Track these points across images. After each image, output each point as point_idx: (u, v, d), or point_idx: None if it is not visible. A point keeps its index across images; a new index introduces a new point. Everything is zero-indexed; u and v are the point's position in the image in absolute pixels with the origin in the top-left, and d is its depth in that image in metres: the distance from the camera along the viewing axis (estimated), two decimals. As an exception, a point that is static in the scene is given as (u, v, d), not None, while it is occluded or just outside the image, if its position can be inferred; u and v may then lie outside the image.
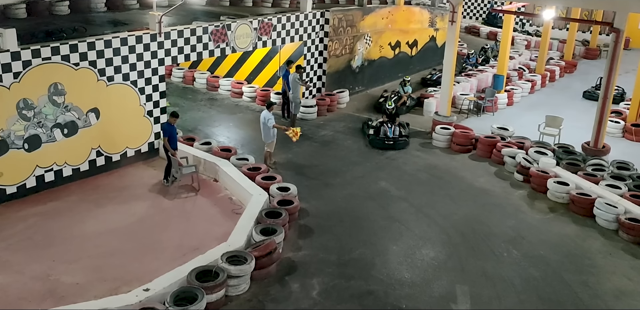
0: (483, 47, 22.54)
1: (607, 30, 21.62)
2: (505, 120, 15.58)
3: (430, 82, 19.11)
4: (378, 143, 13.78)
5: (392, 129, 13.87)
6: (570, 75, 21.31)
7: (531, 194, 11.86)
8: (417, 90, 18.10)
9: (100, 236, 9.56)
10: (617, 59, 12.57)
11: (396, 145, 13.78)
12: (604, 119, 13.07)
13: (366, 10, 17.28)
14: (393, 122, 14.06)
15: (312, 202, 11.06)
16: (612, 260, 9.58)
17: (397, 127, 14.01)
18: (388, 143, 13.71)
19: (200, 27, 12.94)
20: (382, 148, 13.70)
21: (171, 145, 11.11)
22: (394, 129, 13.90)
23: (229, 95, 17.21)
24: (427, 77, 19.53)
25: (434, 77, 19.29)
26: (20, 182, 10.58)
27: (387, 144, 13.72)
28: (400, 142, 13.85)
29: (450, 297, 8.45)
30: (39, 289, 8.14)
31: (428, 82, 19.20)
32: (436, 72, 19.57)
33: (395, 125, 14.01)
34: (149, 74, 12.11)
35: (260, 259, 8.49)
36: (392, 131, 13.86)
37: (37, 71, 10.33)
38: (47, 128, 10.71)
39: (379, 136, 13.85)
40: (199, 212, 10.59)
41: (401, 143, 13.87)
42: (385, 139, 13.74)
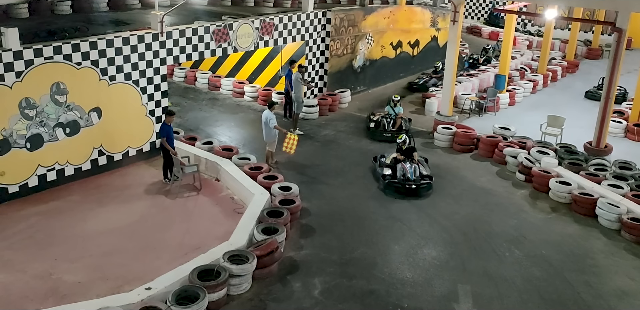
0: (484, 47, 22.51)
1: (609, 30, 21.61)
2: (507, 120, 15.56)
3: (417, 86, 18.53)
4: (397, 188, 11.32)
5: (412, 168, 11.47)
6: (572, 75, 21.28)
7: (533, 193, 11.85)
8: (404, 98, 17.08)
9: (102, 235, 9.57)
10: (619, 59, 12.55)
11: (420, 190, 11.34)
12: (606, 118, 13.05)
13: (368, 10, 17.28)
14: (411, 160, 11.69)
15: (314, 201, 11.06)
16: (614, 260, 9.56)
17: (416, 165, 11.63)
18: (409, 187, 11.24)
19: (202, 27, 12.94)
20: (402, 193, 11.29)
21: (169, 145, 11.11)
22: (414, 169, 11.48)
23: (231, 95, 17.21)
24: (414, 82, 18.94)
25: (420, 81, 18.78)
26: (22, 181, 10.59)
27: (407, 189, 11.25)
28: (424, 185, 11.39)
29: (452, 296, 8.44)
30: (41, 287, 8.15)
31: (414, 86, 18.58)
32: (424, 76, 19.21)
33: (414, 163, 11.62)
34: (151, 73, 12.11)
35: (261, 258, 8.49)
36: (413, 171, 11.44)
37: (40, 70, 10.34)
38: (49, 127, 10.72)
39: (396, 178, 11.40)
40: (200, 211, 10.60)
41: (425, 187, 11.41)
42: (406, 183, 11.27)
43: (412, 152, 11.89)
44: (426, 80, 18.81)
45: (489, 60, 21.08)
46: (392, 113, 14.62)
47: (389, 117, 14.48)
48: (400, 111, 14.62)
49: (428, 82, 18.61)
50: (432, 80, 18.76)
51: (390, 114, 14.58)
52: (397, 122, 14.44)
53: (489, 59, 21.29)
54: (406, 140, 12.06)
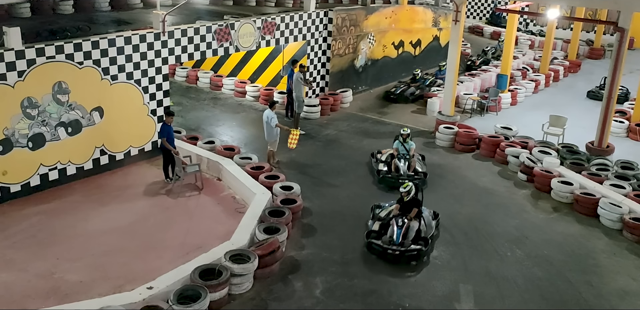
0: (483, 49, 22.36)
1: (611, 30, 21.60)
2: (508, 119, 15.54)
3: (394, 96, 17.29)
4: (379, 252, 9.13)
5: (401, 229, 9.14)
6: (574, 75, 21.25)
7: (535, 193, 11.84)
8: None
9: (103, 234, 9.58)
10: (621, 59, 12.52)
11: (405, 258, 9.03)
12: (608, 118, 13.03)
13: (370, 10, 17.27)
14: (406, 217, 9.37)
15: (315, 201, 11.06)
16: (616, 260, 9.55)
17: (411, 225, 9.28)
18: (392, 253, 8.99)
19: (204, 26, 12.94)
20: (384, 259, 9.11)
21: (170, 145, 11.11)
22: (405, 230, 9.14)
23: (232, 95, 17.22)
24: (390, 91, 17.64)
25: (397, 90, 17.49)
26: (24, 180, 10.60)
27: (390, 254, 9.02)
28: (412, 253, 9.04)
29: (453, 296, 8.44)
30: (43, 286, 8.16)
31: (392, 96, 17.33)
32: (401, 84, 17.97)
33: (410, 220, 9.31)
34: (153, 73, 12.12)
35: (263, 257, 8.50)
36: (400, 234, 9.08)
37: (42, 70, 10.35)
38: (51, 127, 10.73)
39: (382, 240, 9.16)
40: (202, 210, 10.60)
41: (414, 254, 9.06)
42: (390, 247, 9.03)
43: (412, 207, 9.45)
44: (404, 89, 17.49)
45: (486, 63, 20.93)
46: (403, 151, 11.93)
47: (402, 157, 11.81)
48: (412, 147, 12.01)
49: (406, 92, 17.36)
50: (411, 89, 17.49)
51: (402, 153, 11.91)
52: (412, 163, 11.78)
53: (487, 61, 21.14)
54: (411, 191, 9.50)
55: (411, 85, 17.81)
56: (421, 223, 9.55)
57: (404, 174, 11.39)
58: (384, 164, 12.00)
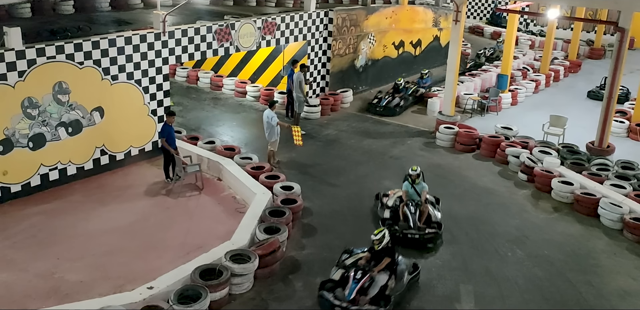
0: (477, 53, 21.94)
1: (611, 30, 21.59)
2: (509, 119, 15.54)
3: (380, 109, 15.97)
4: None
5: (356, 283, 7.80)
6: (575, 75, 21.25)
7: (535, 193, 11.84)
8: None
9: (104, 234, 9.59)
10: (621, 59, 12.52)
11: None
12: (608, 118, 13.03)
13: (370, 10, 17.27)
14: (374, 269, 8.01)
15: (316, 201, 11.06)
16: (617, 260, 9.55)
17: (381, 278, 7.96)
18: None
19: (204, 27, 12.95)
20: None
21: (170, 146, 11.11)
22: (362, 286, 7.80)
23: (233, 95, 17.22)
24: (374, 103, 16.29)
25: (382, 102, 16.15)
26: (24, 180, 10.61)
27: None
28: None
29: (454, 296, 8.43)
30: (43, 286, 8.16)
31: (377, 109, 15.98)
32: (385, 95, 16.47)
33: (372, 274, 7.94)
34: (153, 73, 12.12)
35: (263, 257, 8.50)
36: (353, 290, 7.76)
37: (42, 70, 10.36)
38: (52, 127, 10.73)
39: (334, 293, 7.86)
40: (202, 210, 10.60)
41: None
42: (337, 306, 7.68)
43: (383, 257, 8.13)
44: (389, 100, 16.21)
45: (478, 66, 20.35)
46: (414, 196, 9.93)
47: (411, 203, 9.81)
48: (424, 190, 9.95)
49: (391, 103, 16.12)
50: (395, 100, 16.20)
51: (412, 199, 9.89)
52: (424, 212, 9.78)
53: (479, 64, 20.58)
54: (383, 239, 8.16)
55: (395, 96, 16.37)
56: (391, 277, 8.01)
57: (413, 225, 9.47)
58: (390, 210, 9.92)
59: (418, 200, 9.90)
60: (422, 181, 10.11)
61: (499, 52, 21.58)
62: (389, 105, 16.08)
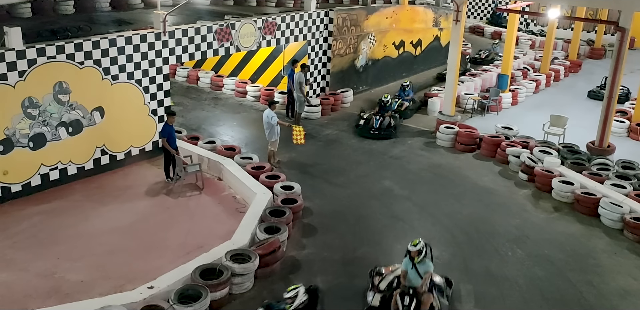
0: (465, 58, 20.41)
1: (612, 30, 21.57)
2: (509, 119, 15.53)
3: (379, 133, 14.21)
4: None
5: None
6: (575, 75, 21.24)
7: (535, 193, 11.83)
8: None
9: (104, 234, 9.59)
10: (622, 59, 12.52)
11: None
12: (609, 118, 13.02)
13: (370, 10, 17.27)
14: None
15: (316, 200, 11.06)
16: (617, 259, 9.55)
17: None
18: None
19: (205, 26, 12.95)
20: None
21: (171, 146, 11.11)
22: None
23: (233, 95, 17.22)
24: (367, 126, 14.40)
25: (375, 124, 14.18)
26: (25, 180, 10.61)
27: None
28: None
29: (454, 296, 8.40)
30: (44, 286, 8.17)
31: (375, 133, 14.26)
32: (374, 116, 14.50)
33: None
34: (154, 73, 12.13)
35: (264, 257, 8.50)
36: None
37: (42, 70, 10.36)
38: (52, 126, 10.74)
39: None
40: (203, 210, 10.60)
41: None
42: None
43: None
44: (381, 120, 14.29)
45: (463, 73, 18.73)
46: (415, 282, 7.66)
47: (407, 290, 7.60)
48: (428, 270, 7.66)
49: (383, 122, 14.26)
50: (386, 119, 14.32)
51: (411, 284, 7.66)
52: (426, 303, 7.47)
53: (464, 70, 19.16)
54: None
55: (385, 116, 14.47)
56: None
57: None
58: (381, 296, 7.72)
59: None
60: (427, 259, 7.74)
61: (494, 54, 21.46)
62: (381, 129, 14.27)
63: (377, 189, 11.74)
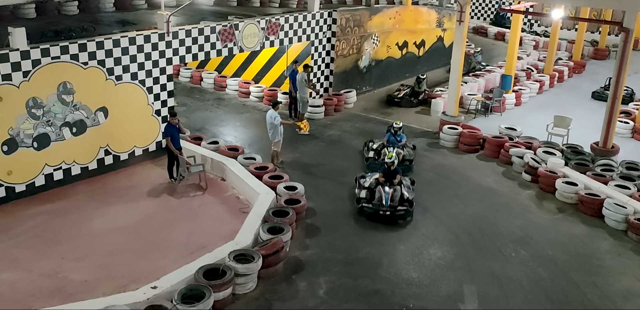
0: (418, 77, 17.48)
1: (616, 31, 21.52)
2: (513, 120, 15.51)
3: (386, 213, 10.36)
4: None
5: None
6: (579, 76, 21.19)
7: (539, 194, 11.81)
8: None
9: (108, 234, 9.61)
10: (626, 59, 12.48)
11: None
12: (613, 119, 12.98)
13: (373, 10, 17.27)
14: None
15: (319, 201, 11.06)
16: (621, 260, 9.52)
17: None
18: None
19: (208, 27, 12.97)
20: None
21: (174, 146, 11.13)
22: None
23: (237, 95, 17.24)
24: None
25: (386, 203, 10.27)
26: (29, 180, 10.64)
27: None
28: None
29: (457, 296, 8.42)
30: (48, 286, 8.19)
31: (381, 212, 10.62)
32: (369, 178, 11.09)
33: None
34: (157, 73, 12.15)
35: (267, 257, 8.50)
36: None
37: (47, 70, 10.39)
38: (56, 127, 10.77)
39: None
40: (206, 210, 10.61)
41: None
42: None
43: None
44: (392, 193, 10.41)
45: (416, 95, 17.04)
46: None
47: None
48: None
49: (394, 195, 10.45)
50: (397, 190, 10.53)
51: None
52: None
53: (417, 93, 17.10)
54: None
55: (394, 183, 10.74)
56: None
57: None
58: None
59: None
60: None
61: (475, 63, 20.19)
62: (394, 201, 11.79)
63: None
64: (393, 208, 10.25)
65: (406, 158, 12.38)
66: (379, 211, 10.21)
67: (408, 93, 17.09)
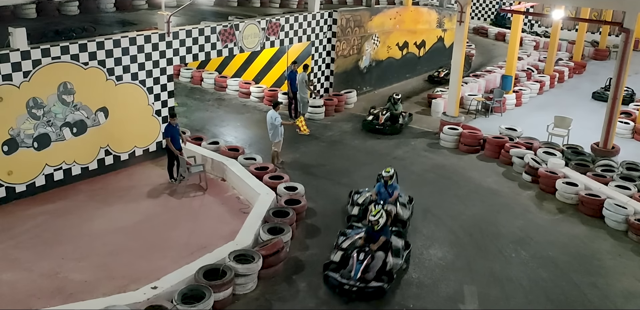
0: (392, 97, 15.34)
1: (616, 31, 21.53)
2: (513, 120, 15.51)
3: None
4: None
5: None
6: (579, 76, 21.19)
7: (540, 194, 11.81)
8: None
9: (108, 234, 9.61)
10: (626, 60, 12.48)
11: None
12: (613, 119, 12.98)
13: (374, 11, 17.28)
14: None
15: (320, 201, 11.06)
16: (621, 261, 9.52)
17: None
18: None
19: (209, 27, 12.97)
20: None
21: (174, 146, 11.13)
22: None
23: (237, 95, 17.24)
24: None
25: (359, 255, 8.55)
26: (29, 180, 10.64)
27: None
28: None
29: (458, 297, 8.42)
30: (48, 286, 8.19)
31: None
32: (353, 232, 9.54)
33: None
34: (158, 73, 12.15)
35: (267, 257, 8.50)
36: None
37: (47, 70, 10.39)
38: (57, 127, 10.77)
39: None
40: (206, 211, 10.61)
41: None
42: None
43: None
44: None
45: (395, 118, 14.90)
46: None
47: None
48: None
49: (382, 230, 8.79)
50: None
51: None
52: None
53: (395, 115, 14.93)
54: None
55: None
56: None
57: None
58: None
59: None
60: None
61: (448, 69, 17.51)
62: None
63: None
64: (365, 282, 8.08)
65: (399, 218, 9.82)
66: (344, 285, 8.08)
67: (388, 117, 14.68)
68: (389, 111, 14.90)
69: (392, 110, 14.96)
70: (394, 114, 14.86)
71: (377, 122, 14.39)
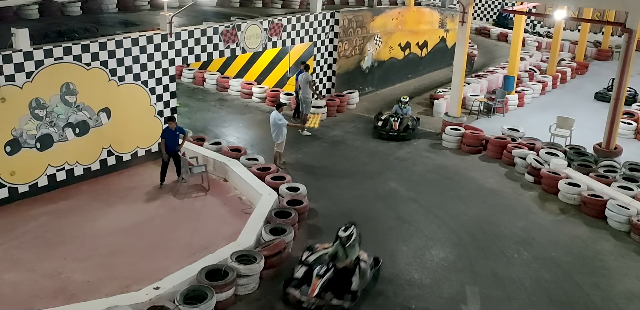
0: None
1: (619, 31, 21.51)
2: (515, 121, 15.49)
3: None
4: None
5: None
6: (582, 77, 21.15)
7: (542, 195, 11.79)
8: None
9: (110, 235, 9.62)
10: (629, 60, 12.45)
11: None
12: (615, 120, 12.95)
13: (376, 11, 17.28)
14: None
15: (321, 202, 11.06)
16: (624, 262, 9.50)
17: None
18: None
19: (211, 28, 12.99)
20: None
21: (167, 148, 11.08)
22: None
23: (239, 96, 17.25)
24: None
25: None
26: (32, 181, 10.66)
27: None
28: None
29: (460, 298, 8.41)
30: (50, 286, 8.20)
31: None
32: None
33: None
34: (160, 74, 12.17)
35: (269, 258, 8.50)
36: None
37: (49, 71, 10.41)
38: (59, 127, 10.79)
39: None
40: (208, 211, 10.62)
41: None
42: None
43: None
44: None
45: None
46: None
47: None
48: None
49: None
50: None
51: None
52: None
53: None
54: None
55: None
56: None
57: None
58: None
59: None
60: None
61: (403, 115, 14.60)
62: None
63: (383, 190, 11.72)
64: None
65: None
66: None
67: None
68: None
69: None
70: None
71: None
